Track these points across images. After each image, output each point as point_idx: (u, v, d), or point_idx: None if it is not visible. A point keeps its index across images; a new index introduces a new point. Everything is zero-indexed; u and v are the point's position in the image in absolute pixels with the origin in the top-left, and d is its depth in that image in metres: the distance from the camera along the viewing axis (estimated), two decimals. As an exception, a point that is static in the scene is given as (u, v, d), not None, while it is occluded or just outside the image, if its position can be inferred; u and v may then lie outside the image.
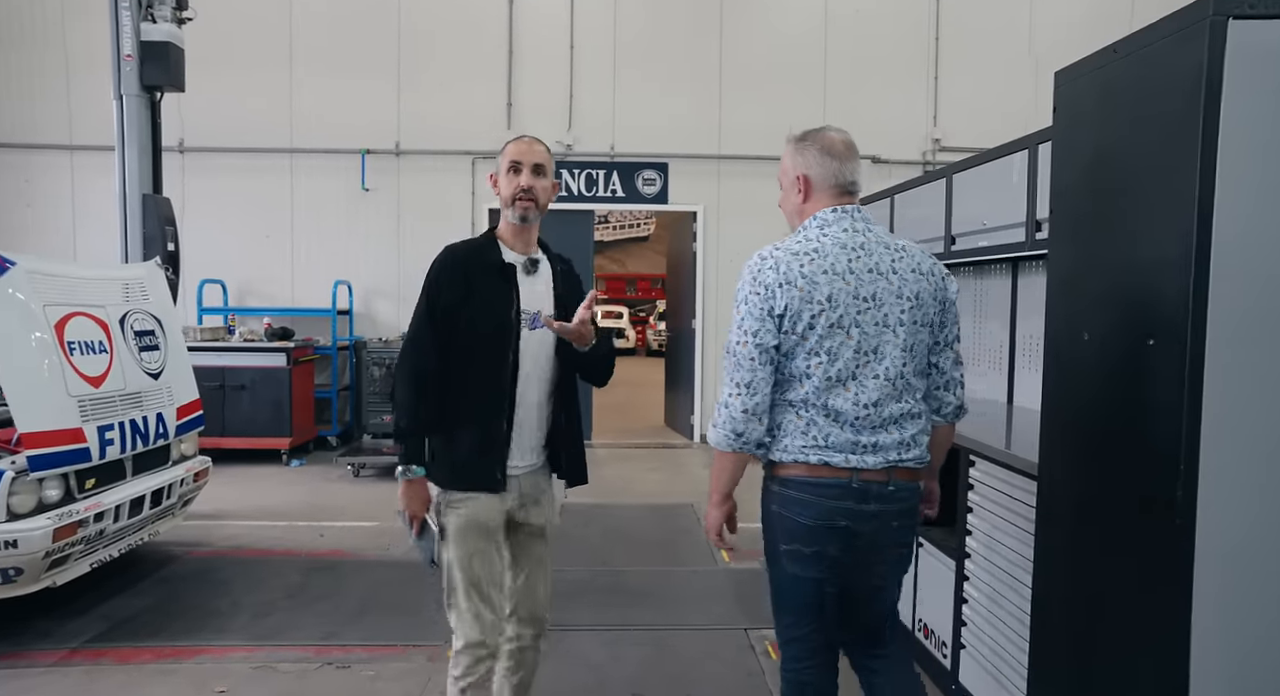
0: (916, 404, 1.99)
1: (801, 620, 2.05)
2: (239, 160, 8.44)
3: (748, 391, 1.90)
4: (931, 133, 8.81)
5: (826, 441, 1.91)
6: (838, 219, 1.98)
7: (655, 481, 6.90)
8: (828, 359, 1.89)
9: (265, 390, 7.25)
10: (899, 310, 1.93)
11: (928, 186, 3.91)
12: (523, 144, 2.31)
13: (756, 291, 1.92)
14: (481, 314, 2.24)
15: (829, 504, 1.92)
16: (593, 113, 8.64)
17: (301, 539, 5.03)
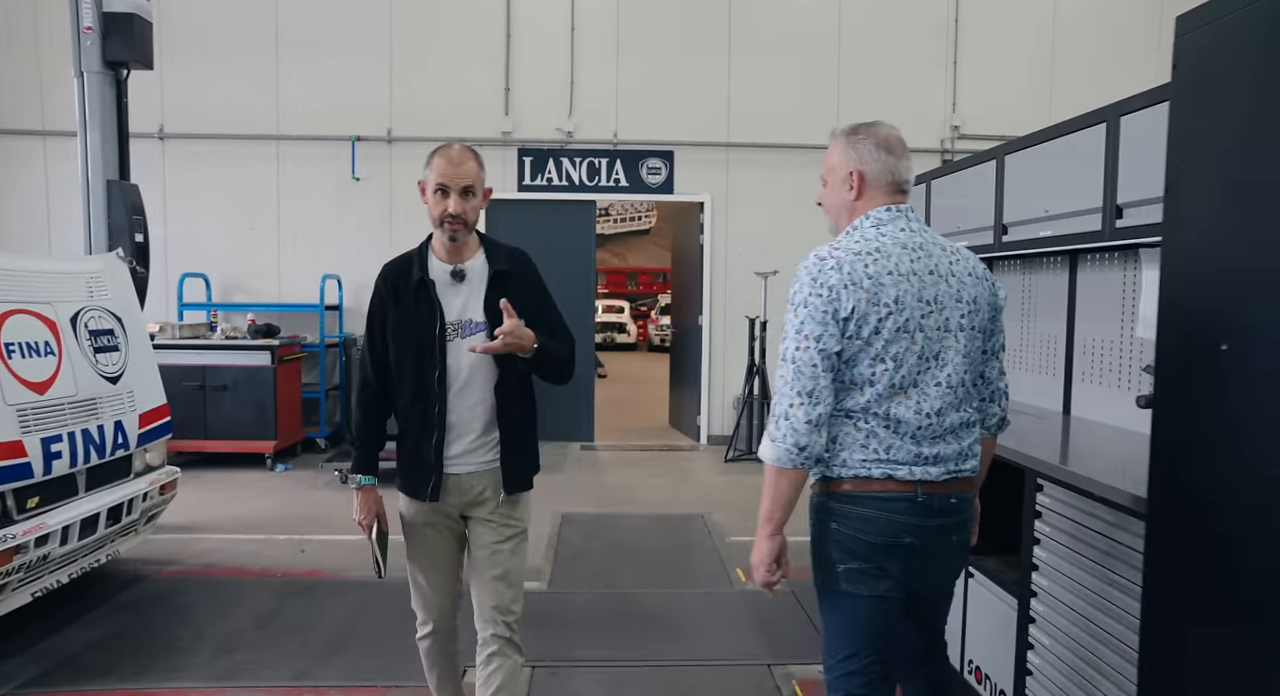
0: (973, 412, 1.90)
1: (864, 649, 1.92)
2: (222, 147, 8.02)
3: (811, 401, 1.76)
4: (950, 120, 8.39)
5: (888, 454, 1.81)
6: (893, 218, 1.88)
7: (661, 488, 6.51)
8: (893, 365, 1.78)
9: (248, 390, 6.85)
10: (959, 314, 1.84)
11: (971, 171, 3.50)
12: (450, 164, 2.24)
13: (818, 294, 1.78)
14: (405, 329, 2.29)
15: (896, 519, 1.81)
16: (594, 97, 8.22)
17: (279, 555, 4.63)
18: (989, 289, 1.93)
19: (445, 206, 2.23)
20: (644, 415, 10.42)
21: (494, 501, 2.37)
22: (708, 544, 5.03)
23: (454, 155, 2.26)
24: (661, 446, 8.30)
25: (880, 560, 1.83)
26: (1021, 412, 3.27)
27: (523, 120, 8.19)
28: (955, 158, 8.30)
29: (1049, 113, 8.27)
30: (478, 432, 2.32)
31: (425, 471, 2.31)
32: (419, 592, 2.44)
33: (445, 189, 2.23)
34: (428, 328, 2.27)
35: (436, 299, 2.28)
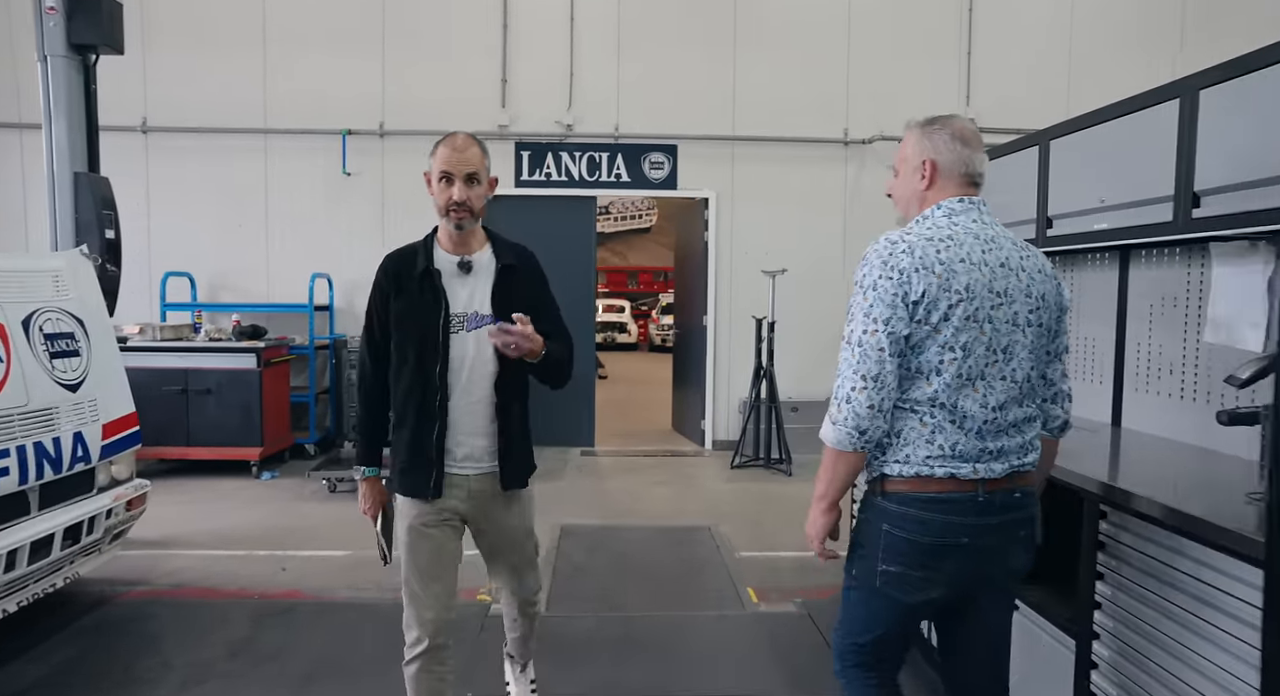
0: (1035, 409, 1.88)
1: (881, 640, 1.92)
2: (208, 141, 7.71)
3: (875, 385, 1.73)
4: (964, 113, 8.07)
5: (954, 451, 1.76)
6: (965, 209, 1.86)
7: (665, 497, 6.20)
8: (962, 354, 1.75)
9: (233, 394, 6.55)
10: (1027, 309, 1.81)
11: (1010, 159, 3.20)
12: (454, 151, 2.22)
13: (889, 276, 1.74)
14: (408, 320, 2.25)
15: (952, 520, 1.77)
16: (595, 89, 7.91)
17: (258, 573, 4.33)
18: (1056, 287, 1.89)
19: (450, 193, 2.21)
20: (646, 418, 10.12)
21: (497, 502, 2.36)
22: (716, 559, 4.72)
23: (458, 143, 2.23)
24: (664, 451, 8.00)
25: (932, 564, 1.79)
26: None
27: (520, 113, 7.88)
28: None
29: (1066, 106, 7.96)
30: (479, 431, 2.29)
31: (425, 467, 2.26)
32: (414, 604, 2.28)
33: (449, 176, 2.21)
34: (432, 317, 2.23)
35: (441, 288, 2.25)
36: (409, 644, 2.28)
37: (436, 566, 2.29)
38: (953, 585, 1.82)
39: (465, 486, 2.30)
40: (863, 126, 8.00)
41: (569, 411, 8.05)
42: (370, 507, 2.40)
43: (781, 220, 7.94)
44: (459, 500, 2.30)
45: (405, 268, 2.28)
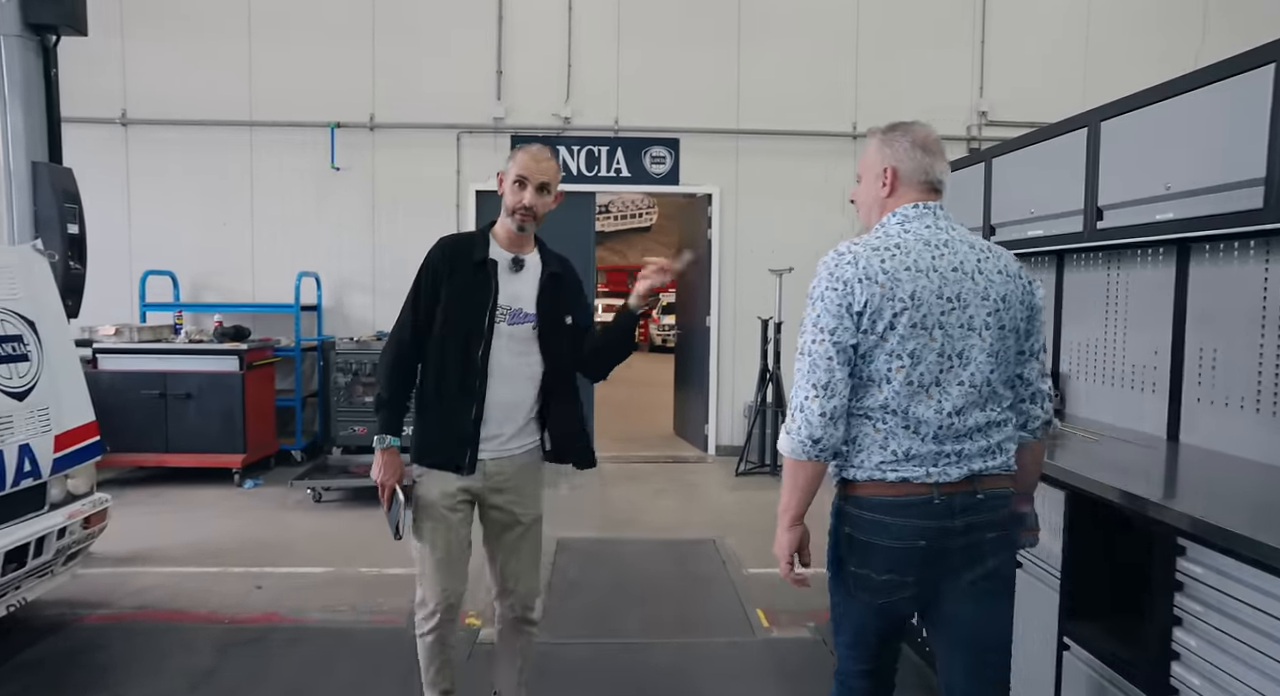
0: (1002, 412, 1.86)
1: (858, 643, 1.95)
2: (191, 134, 7.40)
3: (826, 393, 1.76)
4: (977, 105, 7.78)
5: (906, 455, 1.77)
6: (920, 215, 1.85)
7: (668, 508, 5.90)
8: (910, 362, 1.76)
9: (214, 399, 6.24)
10: (984, 313, 1.80)
11: (1049, 145, 2.89)
12: (532, 158, 2.40)
13: (834, 287, 1.78)
14: (459, 305, 2.37)
15: (910, 523, 1.77)
16: (594, 81, 7.60)
17: (231, 593, 4.02)
18: (1023, 287, 1.87)
19: (521, 197, 2.36)
20: (647, 421, 9.81)
21: (521, 493, 2.49)
22: (722, 576, 4.42)
23: (536, 152, 2.41)
24: (666, 457, 7.69)
25: (896, 567, 1.80)
26: (1115, 438, 2.67)
27: (516, 105, 7.58)
28: (982, 146, 7.71)
29: (1082, 98, 7.65)
30: (515, 419, 2.43)
31: (461, 444, 2.37)
32: (434, 576, 2.43)
33: (524, 181, 2.37)
34: (482, 304, 2.37)
35: (495, 280, 2.40)
36: (425, 616, 2.45)
37: (458, 544, 2.45)
38: (920, 586, 1.82)
39: (493, 473, 2.43)
40: (872, 119, 7.62)
41: (567, 415, 7.75)
42: (390, 477, 2.40)
43: (788, 217, 7.64)
44: (479, 481, 2.42)
45: (462, 253, 2.41)
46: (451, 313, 2.37)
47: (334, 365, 6.14)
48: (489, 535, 2.54)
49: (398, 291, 2.75)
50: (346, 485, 5.82)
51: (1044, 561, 2.40)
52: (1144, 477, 2.20)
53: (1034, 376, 1.92)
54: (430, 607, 2.43)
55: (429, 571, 2.42)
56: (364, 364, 6.02)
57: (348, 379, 5.97)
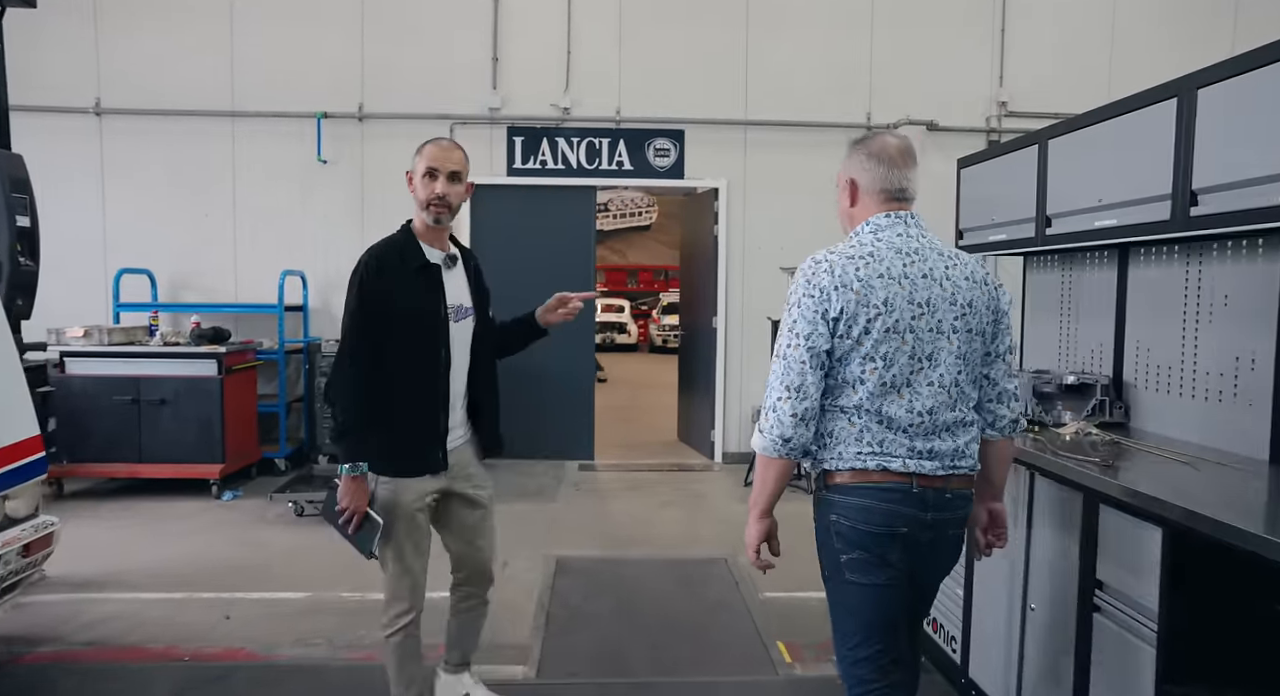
0: (969, 412, 1.95)
1: (871, 637, 1.93)
2: (169, 125, 7.02)
3: (798, 396, 1.84)
4: (997, 95, 7.41)
5: (881, 447, 1.86)
6: (891, 224, 1.95)
7: (674, 522, 5.52)
8: (883, 364, 1.85)
9: (191, 405, 5.86)
10: (952, 317, 1.89)
11: (1132, 118, 2.51)
12: (440, 149, 2.45)
13: (810, 294, 1.86)
14: (412, 312, 2.37)
15: (892, 508, 1.86)
16: (594, 69, 7.23)
17: (196, 623, 3.65)
18: (989, 292, 1.96)
19: (433, 188, 2.38)
20: (649, 425, 9.44)
21: (473, 470, 2.60)
22: (736, 601, 4.05)
23: (444, 143, 2.48)
24: (670, 466, 7.31)
25: (880, 549, 1.87)
26: (1206, 460, 2.29)
27: (513, 95, 7.20)
28: (1002, 138, 7.34)
29: (1108, 88, 7.29)
30: (460, 410, 2.54)
31: (434, 445, 2.44)
32: (409, 579, 2.48)
33: (434, 172, 2.39)
34: (435, 308, 2.40)
35: (441, 282, 2.43)
36: (396, 615, 2.49)
37: (423, 541, 2.51)
38: (900, 569, 1.88)
39: (455, 462, 2.51)
40: (887, 110, 7.33)
41: (566, 421, 7.38)
42: (362, 503, 2.37)
43: (799, 212, 7.25)
44: (446, 476, 2.50)
45: (396, 262, 2.38)
46: (407, 321, 2.36)
47: (318, 369, 5.76)
48: (457, 525, 2.62)
49: None
50: (331, 498, 5.42)
51: (1135, 611, 2.02)
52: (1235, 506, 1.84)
53: (1000, 377, 2.00)
54: (406, 605, 2.48)
55: (406, 571, 2.47)
56: (350, 368, 5.65)
57: (332, 384, 5.59)
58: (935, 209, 7.64)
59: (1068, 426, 2.78)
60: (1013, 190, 3.12)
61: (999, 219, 3.25)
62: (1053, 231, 2.90)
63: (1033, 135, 3.01)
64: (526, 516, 5.52)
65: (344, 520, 2.38)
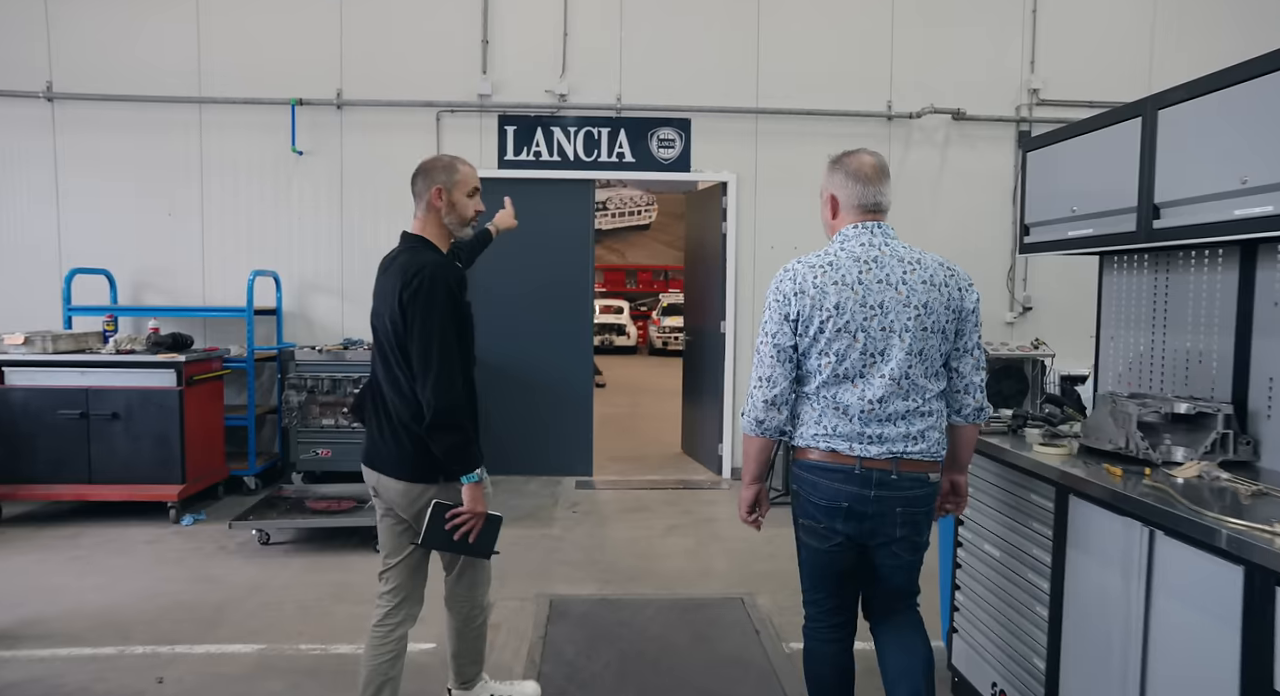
0: (925, 403, 2.18)
1: (818, 585, 2.35)
2: (129, 112, 6.45)
3: (768, 384, 2.19)
4: (1028, 81, 6.86)
5: (834, 431, 2.17)
6: (857, 235, 2.21)
7: (681, 551, 4.96)
8: (835, 359, 2.14)
9: (146, 420, 5.29)
10: (905, 318, 2.14)
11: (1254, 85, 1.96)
12: (472, 169, 2.61)
13: (776, 299, 2.19)
14: (468, 326, 2.50)
15: (836, 487, 2.18)
16: (593, 52, 6.67)
17: (121, 690, 3.08)
18: (950, 294, 2.19)
19: (478, 205, 2.58)
20: (651, 435, 8.89)
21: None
22: (757, 655, 3.49)
23: (471, 164, 2.62)
24: (675, 482, 6.76)
25: (827, 520, 2.22)
26: None
27: (505, 80, 6.64)
28: (1033, 128, 6.80)
29: (1149, 76, 6.77)
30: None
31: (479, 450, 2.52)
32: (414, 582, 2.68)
33: (478, 190, 2.59)
34: (471, 318, 2.54)
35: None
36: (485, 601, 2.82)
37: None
38: (847, 538, 2.23)
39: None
40: (909, 98, 6.78)
41: (562, 434, 6.83)
42: (484, 508, 2.50)
43: (814, 208, 6.64)
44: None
45: (458, 276, 2.47)
46: (467, 332, 2.49)
47: (287, 380, 5.19)
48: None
49: (369, 294, 2.65)
50: (300, 525, 4.87)
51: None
52: None
53: (967, 370, 2.24)
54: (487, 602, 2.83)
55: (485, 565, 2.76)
56: (321, 380, 5.07)
57: (301, 397, 5.02)
58: (961, 203, 7.01)
59: (1185, 467, 2.22)
60: (1103, 175, 2.57)
61: (1082, 210, 2.69)
62: (1162, 224, 2.34)
63: (1133, 106, 2.45)
64: (520, 544, 4.96)
65: (464, 531, 2.46)
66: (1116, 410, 2.41)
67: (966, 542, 3.03)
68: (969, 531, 3.01)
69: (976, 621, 2.93)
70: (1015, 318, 6.95)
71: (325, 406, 5.01)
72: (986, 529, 2.87)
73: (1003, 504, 2.76)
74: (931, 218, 6.83)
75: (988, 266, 6.90)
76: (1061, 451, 2.52)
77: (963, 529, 3.06)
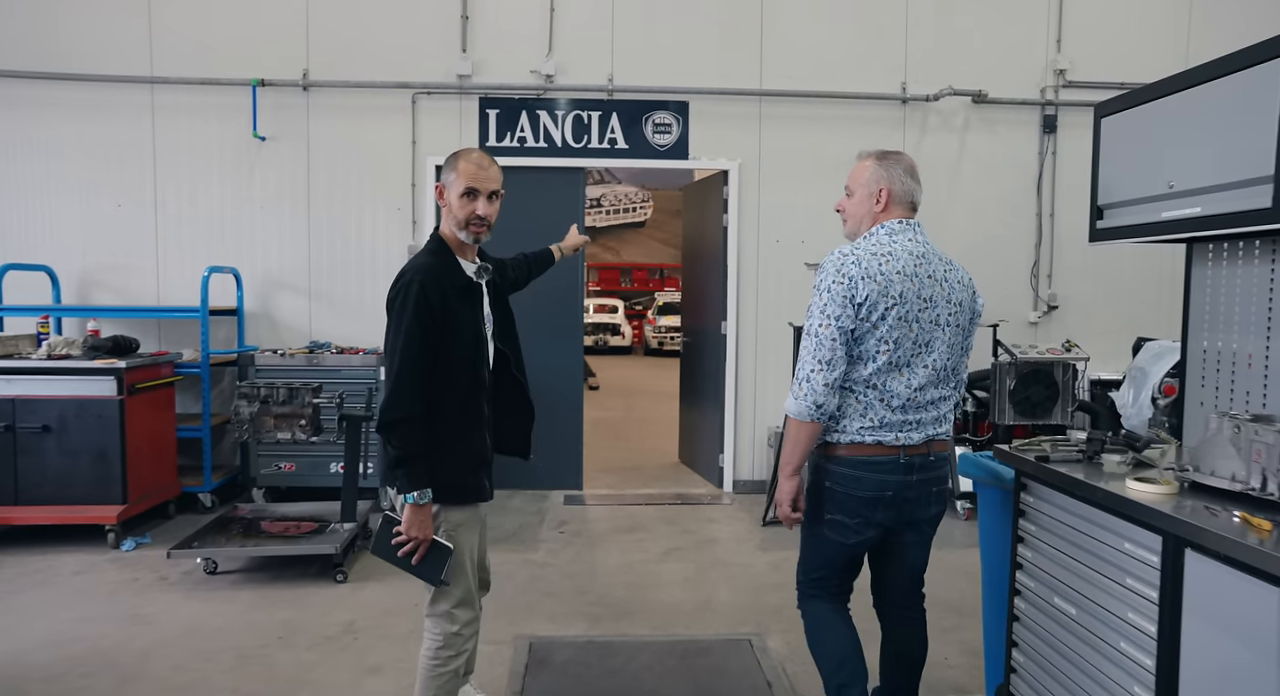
0: (949, 390, 2.36)
1: (831, 574, 2.44)
2: (73, 92, 5.90)
3: (829, 367, 2.21)
4: (1054, 62, 6.33)
5: (880, 422, 2.25)
6: (903, 230, 2.33)
7: (680, 580, 4.42)
8: (893, 346, 2.23)
9: (82, 433, 4.74)
10: (947, 313, 2.30)
11: None
12: (479, 168, 2.37)
13: (840, 281, 2.21)
14: (464, 333, 2.34)
15: (882, 478, 2.27)
16: (583, 29, 6.13)
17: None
18: (971, 296, 2.39)
19: (474, 208, 2.36)
20: (646, 443, 8.36)
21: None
22: (772, 716, 2.95)
23: (478, 159, 2.38)
24: (672, 497, 6.21)
25: (865, 512, 2.30)
26: None
27: (486, 60, 6.09)
28: (1059, 112, 6.29)
29: (1185, 54, 6.25)
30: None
31: (485, 469, 2.44)
32: (469, 597, 2.44)
33: (475, 192, 2.35)
34: (478, 325, 2.40)
35: (482, 300, 2.44)
36: (466, 623, 2.43)
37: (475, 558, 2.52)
38: (881, 528, 2.33)
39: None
40: (926, 80, 6.25)
41: (550, 443, 6.27)
42: (428, 533, 2.31)
43: (823, 198, 6.10)
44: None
45: (445, 282, 2.32)
46: (460, 343, 2.33)
47: (237, 389, 4.63)
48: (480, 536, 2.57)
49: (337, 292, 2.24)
50: (249, 554, 4.32)
51: None
52: None
53: (962, 369, 2.44)
54: (471, 614, 2.46)
55: (468, 597, 2.43)
56: (276, 389, 4.52)
57: (253, 408, 4.46)
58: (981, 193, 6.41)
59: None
60: (1221, 138, 2.03)
61: (1184, 185, 2.15)
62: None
63: (1257, 49, 1.91)
64: (499, 572, 4.40)
65: (405, 552, 2.31)
66: (1242, 438, 1.88)
67: (1027, 592, 2.50)
68: (1031, 578, 2.48)
69: (1045, 692, 2.39)
70: (1039, 317, 6.43)
71: (281, 419, 4.47)
72: (1057, 579, 2.33)
73: (1080, 550, 2.23)
74: (949, 208, 6.30)
75: (1009, 261, 6.39)
76: (1165, 490, 1.99)
77: (1022, 574, 2.53)
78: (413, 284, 2.25)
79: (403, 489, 2.25)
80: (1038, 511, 2.44)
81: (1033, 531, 2.47)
